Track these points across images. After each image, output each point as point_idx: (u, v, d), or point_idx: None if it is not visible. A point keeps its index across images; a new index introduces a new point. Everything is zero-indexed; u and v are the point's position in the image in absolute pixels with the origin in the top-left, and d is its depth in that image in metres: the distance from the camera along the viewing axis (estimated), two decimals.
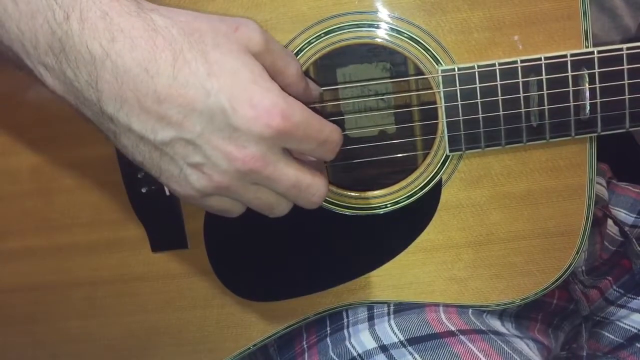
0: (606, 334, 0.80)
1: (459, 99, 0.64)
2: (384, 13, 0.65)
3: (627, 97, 0.64)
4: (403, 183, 0.69)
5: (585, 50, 0.63)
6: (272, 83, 0.49)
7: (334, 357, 0.69)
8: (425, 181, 0.68)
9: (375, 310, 0.71)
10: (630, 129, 0.65)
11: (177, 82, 0.47)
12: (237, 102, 0.47)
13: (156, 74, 0.46)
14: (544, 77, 0.63)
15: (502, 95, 0.64)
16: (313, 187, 0.53)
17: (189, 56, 0.47)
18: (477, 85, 0.64)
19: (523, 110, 0.64)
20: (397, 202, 0.69)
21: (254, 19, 0.54)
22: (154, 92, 0.47)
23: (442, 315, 0.69)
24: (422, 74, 0.66)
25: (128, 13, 0.47)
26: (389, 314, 0.70)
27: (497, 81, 0.64)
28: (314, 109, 0.70)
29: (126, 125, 0.48)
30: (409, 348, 0.66)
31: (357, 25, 0.65)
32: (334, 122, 0.71)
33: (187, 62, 0.47)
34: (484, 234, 0.69)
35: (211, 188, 0.50)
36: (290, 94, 0.54)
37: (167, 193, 0.69)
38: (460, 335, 0.66)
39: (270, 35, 0.53)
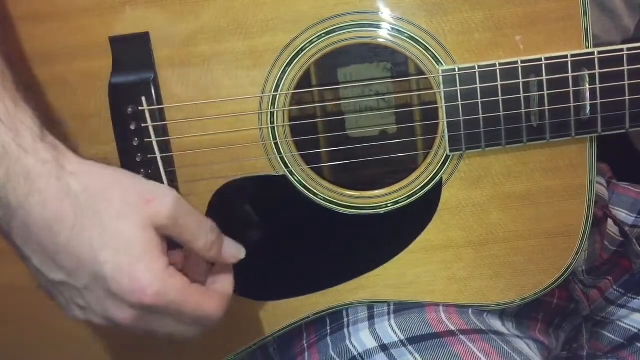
0: (606, 333, 0.80)
1: (459, 99, 0.65)
2: (385, 13, 0.65)
3: (627, 97, 0.64)
4: (403, 183, 0.69)
5: (585, 51, 0.63)
6: (157, 263, 0.54)
7: (334, 356, 0.69)
8: (426, 181, 0.68)
9: (375, 310, 0.71)
10: (631, 129, 0.65)
11: (73, 242, 0.53)
12: (119, 274, 0.53)
13: (57, 233, 0.53)
14: (544, 77, 0.63)
15: (502, 96, 0.64)
16: (187, 335, 0.59)
17: (86, 225, 0.53)
18: (478, 85, 0.64)
19: (523, 110, 0.64)
20: (397, 202, 0.69)
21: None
22: (53, 245, 0.54)
23: (443, 315, 0.69)
24: (423, 74, 0.66)
25: (48, 177, 0.54)
26: (389, 313, 0.71)
27: (497, 81, 0.64)
28: (314, 114, 0.70)
29: (28, 257, 0.56)
30: (409, 347, 0.66)
31: (358, 25, 0.66)
32: (334, 121, 0.72)
33: (82, 230, 0.53)
34: (484, 234, 0.69)
35: (93, 324, 0.58)
36: (204, 259, 0.60)
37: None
38: (461, 335, 0.66)
39: (184, 209, 0.56)
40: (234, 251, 0.61)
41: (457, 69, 0.64)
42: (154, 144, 0.68)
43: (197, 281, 0.59)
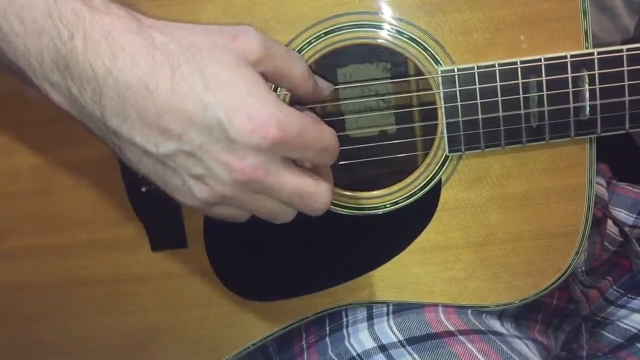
0: (606, 334, 0.80)
1: (458, 100, 0.64)
2: (384, 13, 0.65)
3: (627, 98, 0.63)
4: (402, 183, 0.69)
5: (585, 51, 0.63)
6: (269, 93, 0.49)
7: (333, 356, 0.69)
8: (425, 182, 0.68)
9: (374, 310, 0.71)
10: (630, 130, 0.65)
11: (176, 96, 0.48)
12: (233, 115, 0.48)
13: (155, 89, 0.48)
14: (543, 78, 0.63)
15: (501, 96, 0.64)
16: (316, 195, 0.53)
17: (186, 71, 0.48)
18: (477, 86, 0.64)
19: (523, 111, 0.64)
20: (396, 203, 0.69)
21: (253, 24, 0.54)
22: (154, 107, 0.48)
23: (442, 316, 0.69)
24: (422, 74, 0.66)
25: (129, 31, 0.49)
26: (388, 313, 0.70)
27: (496, 82, 0.63)
28: (313, 111, 0.70)
29: (129, 139, 0.50)
30: (408, 348, 0.66)
31: (357, 26, 0.65)
32: (334, 122, 0.72)
33: (184, 76, 0.48)
34: (483, 235, 0.69)
35: (214, 198, 0.51)
36: (298, 96, 0.55)
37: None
38: (459, 336, 0.66)
39: (270, 40, 0.52)
40: (325, 82, 0.58)
41: (456, 70, 0.64)
42: None
43: None
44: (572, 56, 0.63)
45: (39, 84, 0.51)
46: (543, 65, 0.63)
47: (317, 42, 0.66)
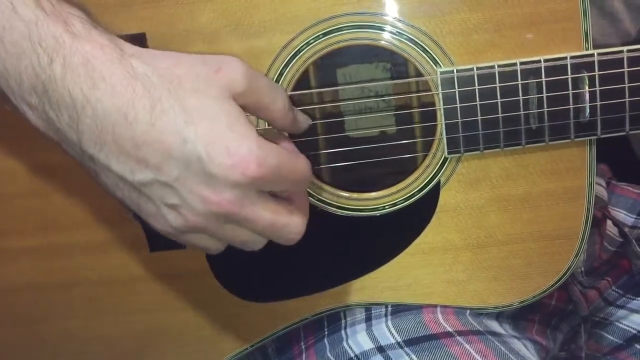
0: (605, 334, 0.80)
1: (457, 101, 0.64)
2: (383, 14, 0.64)
3: (627, 100, 0.63)
4: (401, 185, 0.68)
5: (585, 52, 0.63)
6: (250, 128, 0.50)
7: (332, 358, 0.69)
8: (424, 183, 0.68)
9: (372, 311, 0.71)
10: (631, 132, 0.65)
11: (155, 129, 0.48)
12: (213, 150, 0.48)
13: (134, 120, 0.48)
14: (543, 79, 0.63)
15: (501, 98, 0.64)
16: (290, 226, 0.54)
17: (167, 104, 0.48)
18: (476, 87, 0.63)
19: (522, 112, 0.64)
20: (395, 204, 0.69)
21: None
22: (132, 137, 0.48)
23: (440, 317, 0.69)
24: (422, 75, 0.65)
25: (110, 60, 0.48)
26: (386, 315, 0.71)
27: (496, 83, 0.63)
28: (313, 115, 0.70)
29: (106, 166, 0.50)
30: (406, 349, 0.66)
31: (357, 26, 0.65)
32: (334, 123, 0.71)
33: (165, 110, 0.48)
34: (482, 237, 0.69)
35: (187, 227, 0.52)
36: (276, 127, 0.56)
37: None
38: (457, 336, 0.66)
39: (254, 72, 0.52)
40: (304, 116, 0.60)
41: (455, 71, 0.64)
42: None
43: None
44: (572, 57, 0.62)
45: (16, 104, 0.51)
46: (543, 67, 0.63)
47: (316, 42, 0.65)
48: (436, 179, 0.68)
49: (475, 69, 0.63)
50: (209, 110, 0.49)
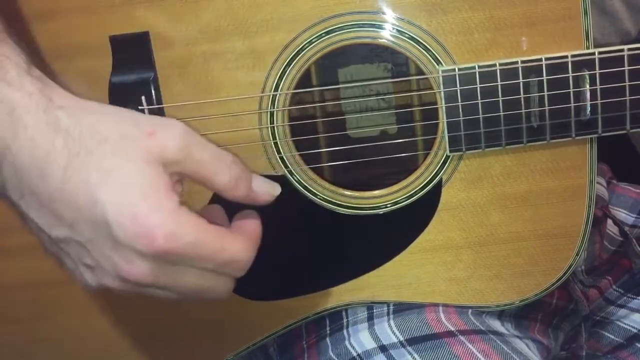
0: (606, 333, 0.80)
1: (459, 100, 0.64)
2: (385, 13, 0.65)
3: (627, 98, 0.63)
4: (403, 183, 0.69)
5: (586, 51, 0.63)
6: (167, 200, 0.47)
7: (334, 357, 0.69)
8: (426, 181, 0.68)
9: (374, 310, 0.71)
10: (631, 130, 0.65)
11: (67, 186, 0.47)
12: (120, 216, 0.46)
13: (49, 175, 0.47)
14: (544, 77, 0.63)
15: (502, 96, 0.64)
16: (215, 290, 0.52)
17: (82, 163, 0.47)
18: (478, 85, 0.64)
19: (523, 111, 0.64)
20: (397, 202, 0.69)
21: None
22: (47, 192, 0.47)
23: (442, 316, 0.69)
24: (423, 74, 0.66)
25: (35, 110, 0.48)
26: (388, 314, 0.70)
27: (497, 82, 0.63)
28: (315, 114, 0.70)
29: (26, 214, 0.50)
30: (408, 348, 0.66)
31: (358, 25, 0.65)
32: (334, 122, 0.72)
33: (78, 169, 0.47)
34: (484, 235, 0.69)
35: (105, 288, 0.51)
36: (229, 199, 0.53)
37: None
38: (460, 336, 0.66)
39: (197, 141, 0.50)
40: (267, 187, 0.54)
41: (457, 69, 0.64)
42: None
43: None
44: (573, 56, 0.63)
45: None
46: (544, 65, 0.63)
47: (318, 41, 0.65)
48: (438, 177, 0.68)
49: (477, 67, 0.63)
50: (126, 174, 0.47)
